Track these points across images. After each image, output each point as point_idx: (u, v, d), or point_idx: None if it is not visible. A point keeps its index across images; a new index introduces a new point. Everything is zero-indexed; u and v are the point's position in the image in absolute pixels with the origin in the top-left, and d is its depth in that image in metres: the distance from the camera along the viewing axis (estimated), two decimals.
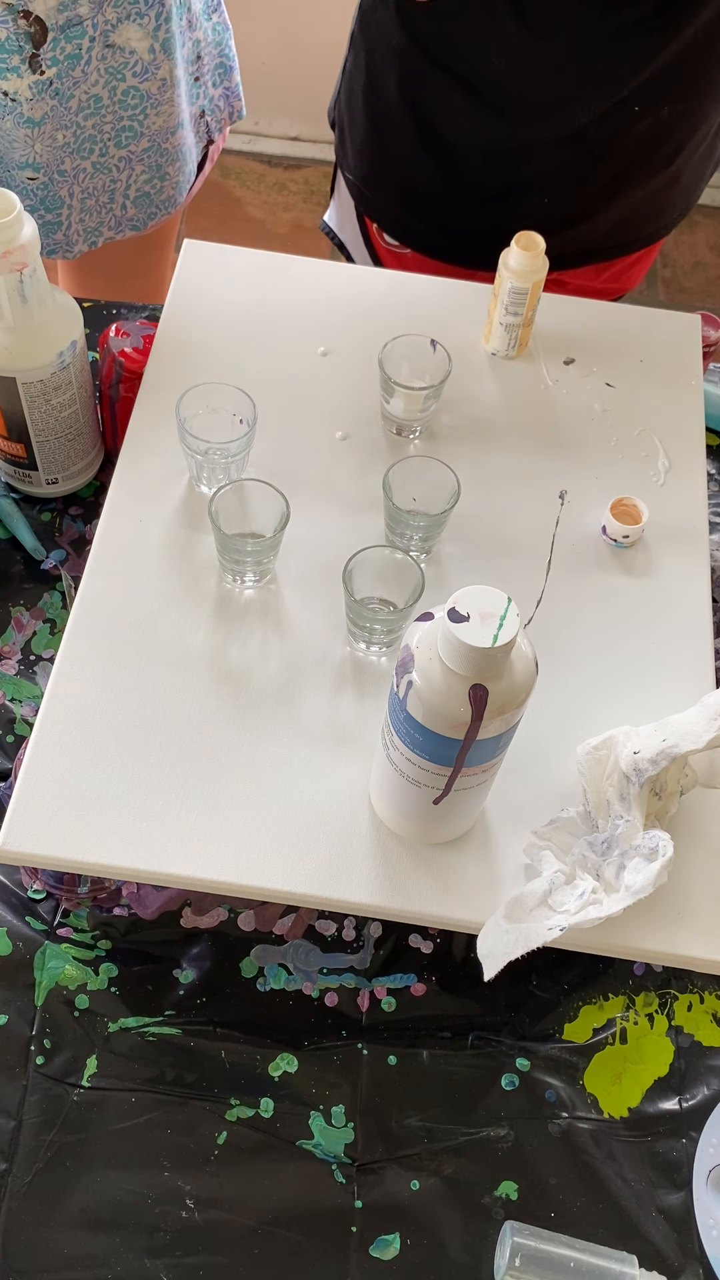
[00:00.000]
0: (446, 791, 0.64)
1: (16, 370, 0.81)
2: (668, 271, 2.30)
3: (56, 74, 0.96)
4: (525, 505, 0.87)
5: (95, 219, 1.12)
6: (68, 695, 0.75)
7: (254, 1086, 0.74)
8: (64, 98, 0.99)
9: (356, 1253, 0.70)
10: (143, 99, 1.03)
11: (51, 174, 1.04)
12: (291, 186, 2.37)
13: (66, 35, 0.94)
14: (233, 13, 1.16)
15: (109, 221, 1.14)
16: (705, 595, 0.84)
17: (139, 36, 0.98)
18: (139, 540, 0.82)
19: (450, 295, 0.98)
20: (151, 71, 1.02)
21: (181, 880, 0.70)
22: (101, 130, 1.04)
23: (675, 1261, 0.70)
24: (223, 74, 1.14)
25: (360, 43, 1.08)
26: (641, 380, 0.94)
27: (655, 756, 0.68)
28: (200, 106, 1.14)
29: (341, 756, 0.74)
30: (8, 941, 0.77)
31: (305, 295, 0.96)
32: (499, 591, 0.57)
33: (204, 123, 1.15)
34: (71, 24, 0.93)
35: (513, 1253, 0.68)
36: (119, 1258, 0.68)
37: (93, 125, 1.03)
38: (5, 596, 0.90)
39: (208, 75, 1.12)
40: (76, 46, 0.96)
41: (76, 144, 1.04)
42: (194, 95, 1.11)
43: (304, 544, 0.82)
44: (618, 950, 0.70)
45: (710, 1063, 0.76)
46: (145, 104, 1.04)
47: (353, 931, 0.79)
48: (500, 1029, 0.76)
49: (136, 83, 1.02)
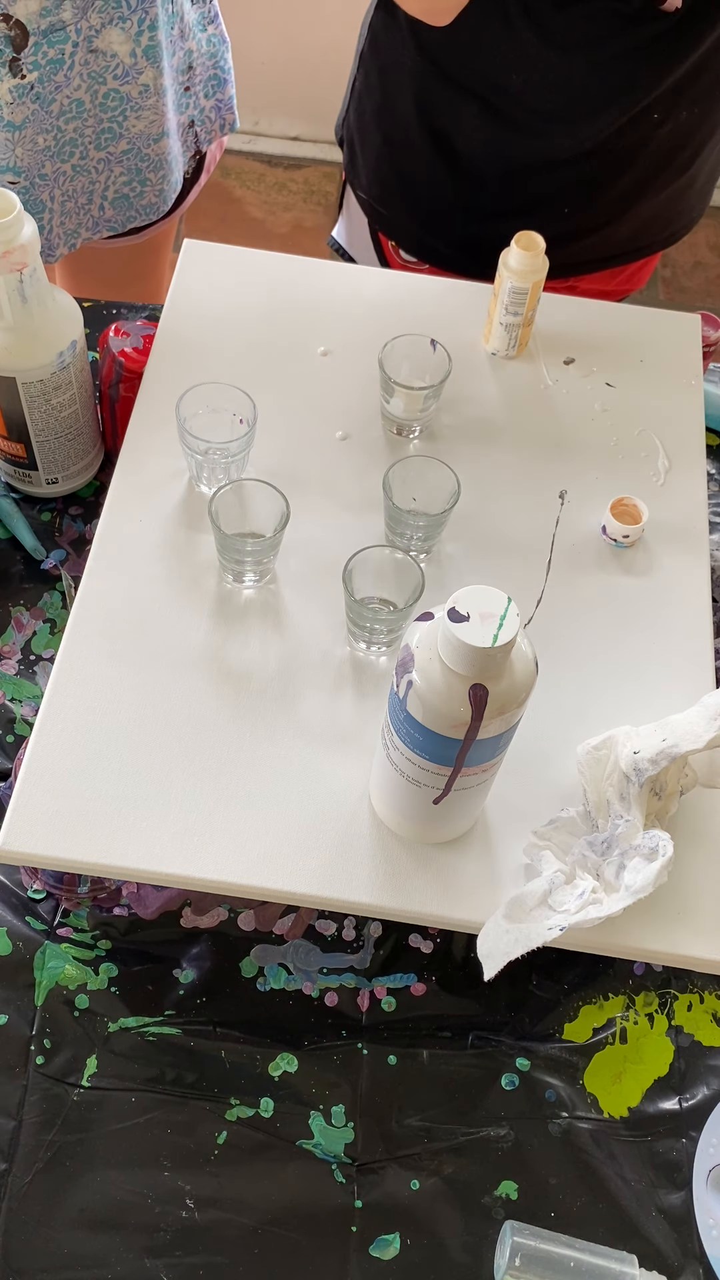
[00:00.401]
0: (446, 791, 0.64)
1: (16, 370, 0.81)
2: (668, 271, 2.30)
3: (38, 78, 0.96)
4: (525, 505, 0.87)
5: (74, 221, 1.12)
6: (68, 695, 0.75)
7: (254, 1086, 0.74)
8: (45, 102, 0.98)
9: (356, 1253, 0.70)
10: (123, 101, 1.03)
11: (33, 178, 1.03)
12: (291, 186, 2.37)
13: (49, 40, 0.94)
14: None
15: (86, 223, 1.13)
16: (705, 595, 0.84)
17: (120, 40, 0.98)
18: (139, 540, 0.82)
19: (450, 295, 0.98)
20: (133, 76, 1.01)
21: (181, 880, 0.70)
22: (83, 134, 1.04)
23: (675, 1261, 0.70)
24: (216, 86, 1.14)
25: (371, 62, 1.07)
26: (641, 380, 0.94)
27: (655, 756, 0.68)
28: (190, 117, 1.13)
29: (341, 756, 0.74)
30: (8, 941, 0.77)
31: (305, 295, 0.96)
32: (499, 591, 0.57)
33: (193, 133, 1.15)
34: (54, 29, 0.93)
35: (513, 1252, 0.68)
36: (119, 1258, 0.68)
37: (74, 129, 1.03)
38: (5, 596, 0.90)
39: (199, 86, 1.12)
40: (60, 51, 0.95)
41: (57, 148, 1.03)
42: (183, 105, 1.11)
43: (304, 544, 0.82)
44: (618, 950, 0.70)
45: (710, 1063, 0.76)
46: (125, 106, 1.03)
47: (353, 931, 0.79)
48: (500, 1029, 0.76)
49: (117, 85, 1.01)
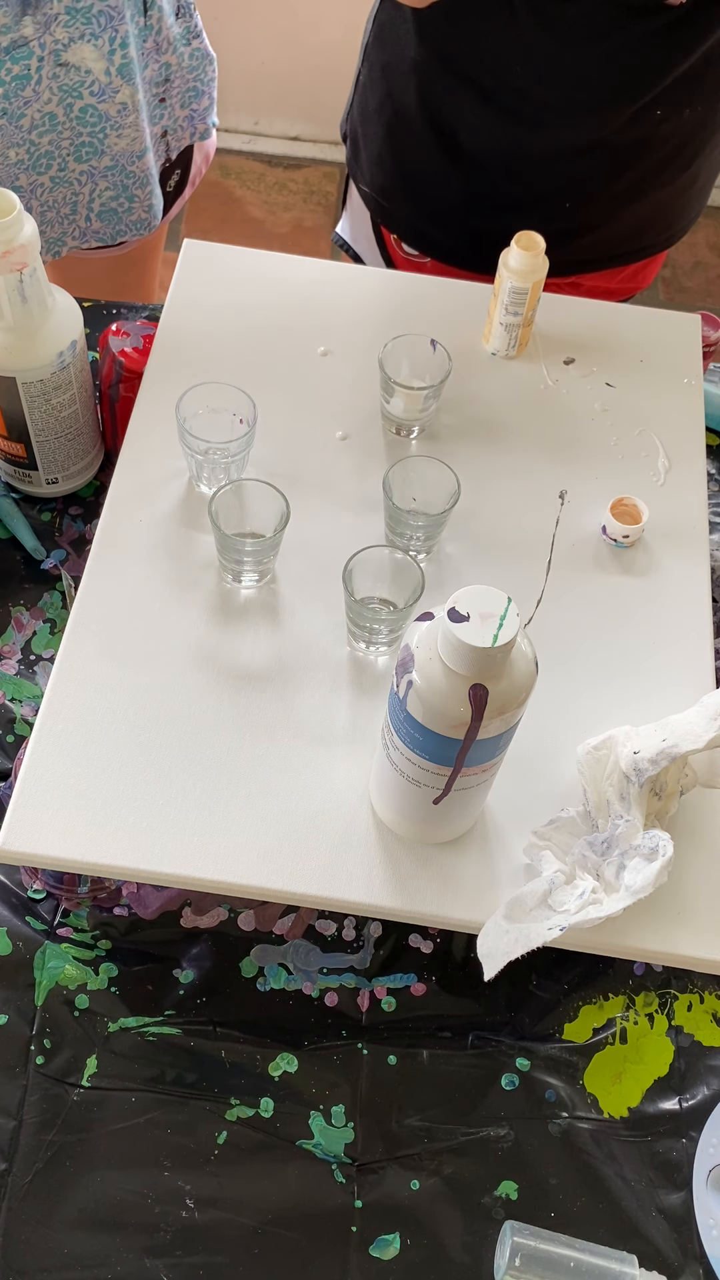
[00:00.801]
0: (446, 791, 0.64)
1: (16, 370, 0.81)
2: (668, 271, 2.30)
3: (3, 94, 0.95)
4: (525, 505, 0.87)
5: (57, 229, 1.11)
6: (68, 695, 0.75)
7: (254, 1086, 0.74)
8: (14, 117, 0.98)
9: (356, 1253, 0.70)
10: (101, 119, 1.02)
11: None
12: (291, 186, 2.37)
13: (13, 57, 0.93)
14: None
15: (73, 232, 1.13)
16: (705, 595, 0.84)
17: (94, 57, 0.97)
18: (139, 540, 0.82)
19: (450, 295, 0.98)
20: (109, 94, 1.00)
21: (181, 880, 0.70)
22: (59, 146, 1.03)
23: (675, 1261, 0.70)
24: (193, 97, 1.13)
25: (375, 56, 1.07)
26: (641, 380, 0.94)
27: (655, 756, 0.68)
28: (163, 127, 1.12)
29: (341, 756, 0.74)
30: (8, 941, 0.77)
31: (305, 295, 0.96)
32: (499, 591, 0.57)
33: (164, 142, 1.14)
34: (16, 45, 0.92)
35: (513, 1253, 0.68)
36: (119, 1258, 0.68)
37: (49, 142, 1.02)
38: (5, 596, 0.90)
39: (175, 98, 1.11)
40: (25, 67, 0.95)
41: (32, 161, 1.03)
42: (156, 116, 1.10)
43: (304, 544, 0.82)
44: (618, 950, 0.70)
45: (710, 1063, 0.76)
46: (105, 124, 1.03)
47: (353, 931, 0.79)
48: (500, 1029, 0.76)
49: (94, 102, 1.01)
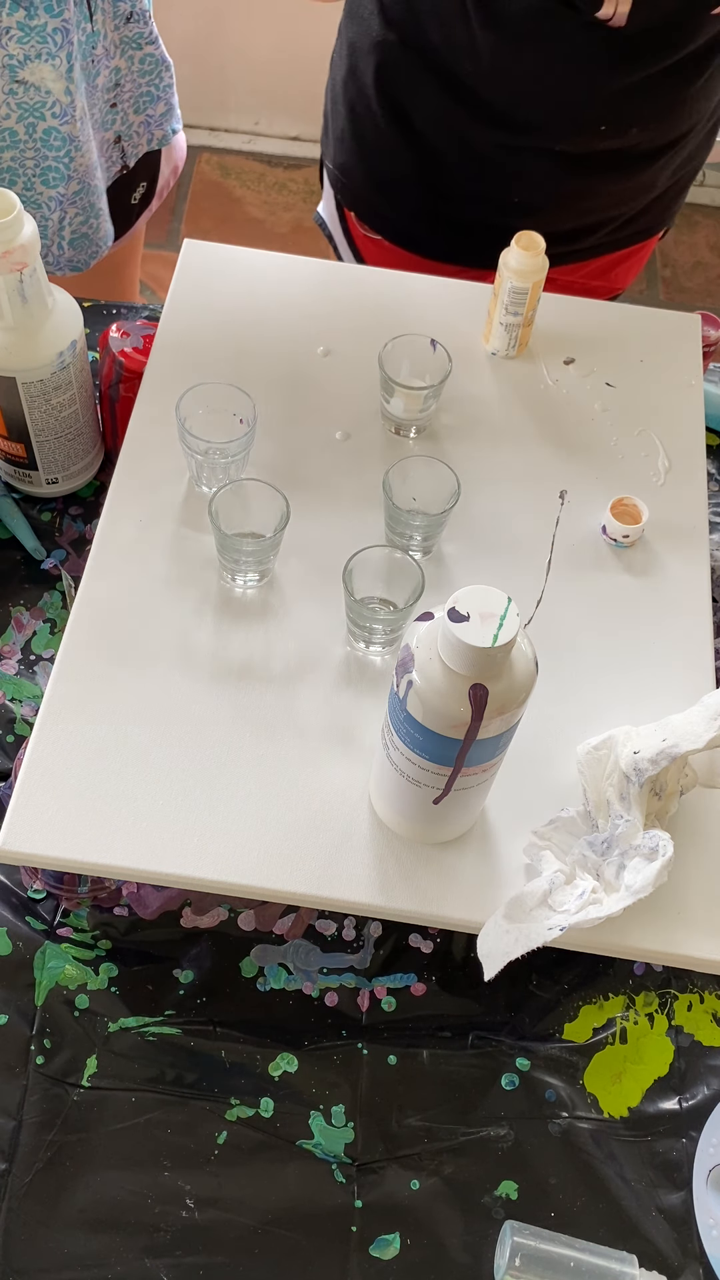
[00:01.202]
0: (446, 791, 0.64)
1: (16, 370, 0.81)
2: (668, 271, 2.30)
3: None
4: (525, 505, 0.87)
5: None
6: (68, 695, 0.75)
7: (254, 1086, 0.74)
8: None
9: (356, 1252, 0.70)
10: (65, 141, 1.01)
11: None
12: (291, 186, 2.37)
13: None
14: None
15: (48, 259, 1.11)
16: (705, 595, 0.84)
17: (53, 77, 0.96)
18: (139, 540, 0.82)
19: (450, 295, 0.98)
20: (70, 114, 1.00)
21: (181, 880, 0.70)
22: (22, 164, 1.02)
23: (675, 1261, 0.70)
24: (147, 102, 1.11)
25: (345, 32, 1.08)
26: (641, 380, 0.94)
27: (655, 756, 0.68)
28: (116, 132, 1.11)
29: (341, 756, 0.74)
30: (8, 941, 0.77)
31: (305, 295, 0.96)
32: (499, 591, 0.57)
33: (119, 148, 1.12)
34: None
35: (513, 1252, 0.68)
36: (119, 1258, 0.68)
37: (10, 158, 1.01)
38: (5, 596, 0.90)
39: (128, 103, 1.09)
40: None
41: None
42: (108, 121, 1.09)
43: (304, 544, 0.82)
44: (618, 950, 0.70)
45: (710, 1063, 0.76)
46: (69, 146, 1.02)
47: (353, 931, 0.79)
48: (500, 1029, 0.76)
49: (57, 124, 1.00)
